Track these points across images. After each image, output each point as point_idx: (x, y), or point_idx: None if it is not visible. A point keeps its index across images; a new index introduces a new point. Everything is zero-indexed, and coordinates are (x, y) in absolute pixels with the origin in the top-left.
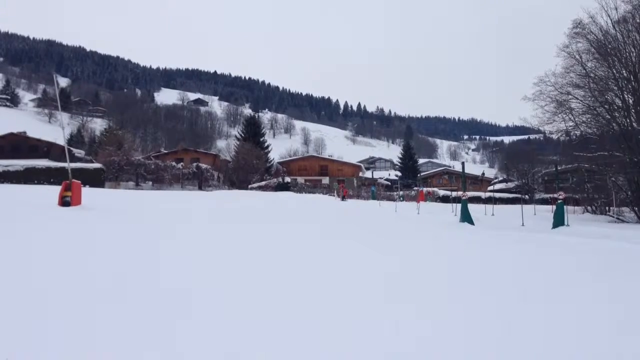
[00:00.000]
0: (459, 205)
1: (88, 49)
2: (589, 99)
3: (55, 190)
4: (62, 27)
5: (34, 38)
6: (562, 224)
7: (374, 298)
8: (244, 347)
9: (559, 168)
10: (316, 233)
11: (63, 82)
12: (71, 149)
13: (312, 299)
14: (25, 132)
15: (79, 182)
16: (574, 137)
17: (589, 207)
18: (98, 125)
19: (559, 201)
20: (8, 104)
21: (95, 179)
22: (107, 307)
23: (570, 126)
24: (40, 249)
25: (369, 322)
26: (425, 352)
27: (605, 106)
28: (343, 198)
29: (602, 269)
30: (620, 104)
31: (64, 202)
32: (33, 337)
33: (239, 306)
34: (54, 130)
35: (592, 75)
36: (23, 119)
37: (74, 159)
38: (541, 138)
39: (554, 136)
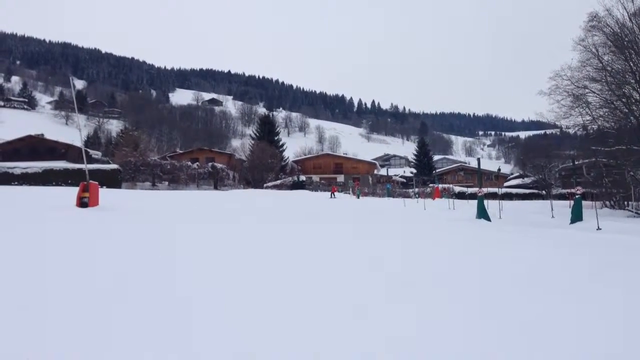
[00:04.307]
0: (475, 202)
1: (103, 51)
2: (606, 92)
3: (73, 192)
4: (77, 29)
5: (50, 41)
6: (580, 219)
7: (400, 297)
8: (260, 346)
9: (576, 163)
10: (327, 233)
11: (79, 84)
12: (88, 150)
13: (318, 302)
14: (42, 135)
15: (96, 183)
16: (591, 131)
17: (607, 202)
18: (114, 126)
19: (577, 196)
20: (25, 106)
21: (112, 180)
22: (119, 307)
23: (587, 120)
24: (59, 249)
25: (398, 324)
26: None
27: (623, 99)
28: (332, 194)
29: (621, 265)
30: (638, 97)
31: (81, 203)
32: (48, 336)
33: (256, 306)
34: (71, 132)
35: (608, 68)
36: (40, 121)
37: (91, 160)
38: (558, 133)
39: (571, 131)
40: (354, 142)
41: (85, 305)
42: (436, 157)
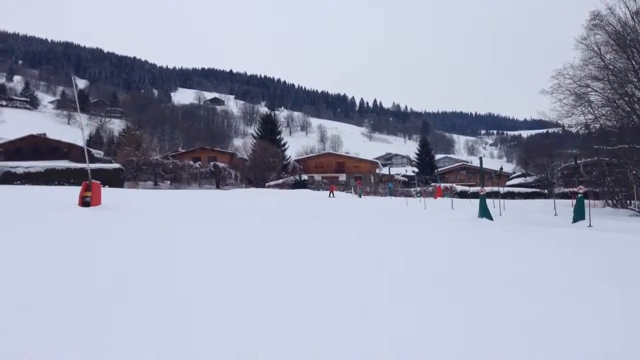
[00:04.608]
0: (477, 201)
1: (105, 50)
2: (609, 91)
3: (75, 191)
4: (79, 29)
5: (52, 40)
6: (583, 218)
7: (408, 296)
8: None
9: (578, 161)
10: (328, 233)
11: (81, 83)
12: (90, 149)
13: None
14: (45, 134)
15: (99, 182)
16: (594, 130)
17: (609, 201)
18: (116, 125)
19: (579, 195)
20: (28, 106)
21: (114, 179)
22: (121, 306)
23: (589, 119)
24: (61, 249)
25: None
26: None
27: (625, 98)
28: (330, 194)
29: (622, 264)
30: None
31: (84, 202)
32: (49, 336)
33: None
34: (73, 131)
35: (611, 67)
36: (43, 120)
37: (93, 159)
38: (560, 132)
39: (573, 129)
40: (356, 141)
41: (86, 305)
42: (438, 156)
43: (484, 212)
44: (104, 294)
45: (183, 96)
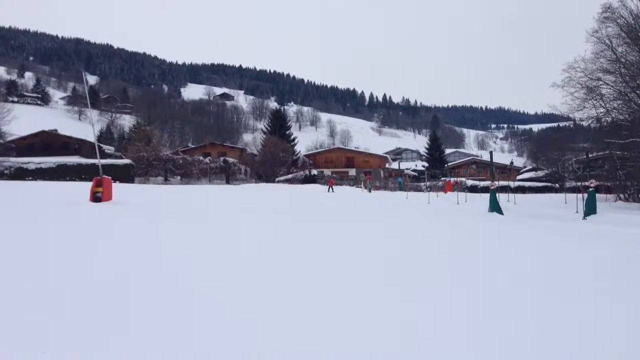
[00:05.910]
0: (487, 195)
1: (115, 47)
2: (620, 84)
3: (86, 187)
4: (90, 25)
5: (62, 37)
6: (594, 212)
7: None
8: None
9: (590, 155)
10: (342, 232)
11: (92, 79)
12: (101, 145)
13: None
14: (56, 130)
15: (110, 178)
16: (605, 123)
17: (621, 195)
18: (127, 121)
19: (590, 189)
20: (39, 102)
21: (124, 175)
22: (125, 306)
23: (601, 112)
24: (72, 245)
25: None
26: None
27: (637, 91)
28: (330, 189)
29: (629, 260)
30: None
31: (95, 198)
32: (65, 329)
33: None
34: (84, 127)
35: (623, 60)
36: (54, 116)
37: (103, 155)
38: (571, 125)
39: (585, 123)
40: (366, 136)
41: (93, 304)
42: (448, 151)
43: (495, 207)
44: (107, 293)
45: (193, 91)
